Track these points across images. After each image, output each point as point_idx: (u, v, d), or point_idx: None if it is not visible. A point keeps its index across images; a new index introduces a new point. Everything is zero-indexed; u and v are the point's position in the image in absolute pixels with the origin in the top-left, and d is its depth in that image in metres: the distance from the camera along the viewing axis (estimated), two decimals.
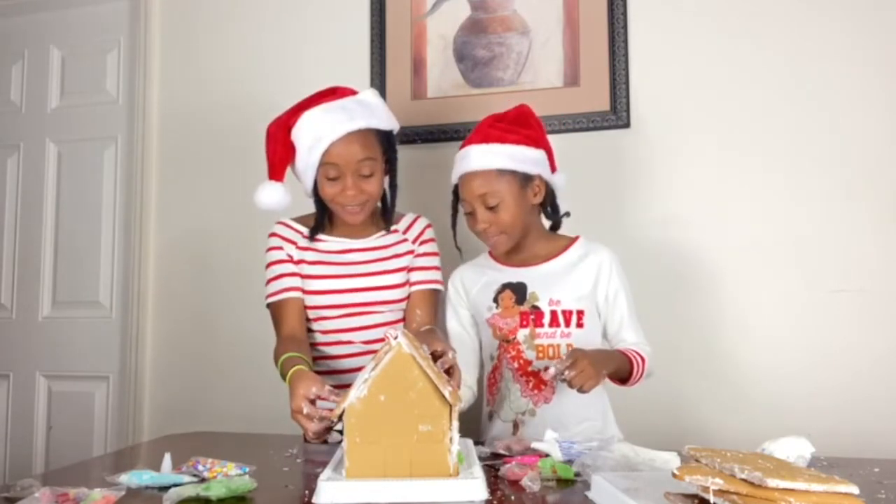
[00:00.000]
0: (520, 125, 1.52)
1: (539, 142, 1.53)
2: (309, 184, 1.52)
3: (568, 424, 1.46)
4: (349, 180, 1.47)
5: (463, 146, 1.54)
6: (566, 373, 1.31)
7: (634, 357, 1.47)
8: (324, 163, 1.47)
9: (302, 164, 1.50)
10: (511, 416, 1.52)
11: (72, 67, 2.56)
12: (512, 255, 1.58)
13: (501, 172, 1.47)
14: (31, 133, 2.57)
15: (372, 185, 1.50)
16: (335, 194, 1.50)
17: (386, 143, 1.54)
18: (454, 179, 1.55)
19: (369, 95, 1.54)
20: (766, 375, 1.85)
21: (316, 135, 1.45)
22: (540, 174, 1.52)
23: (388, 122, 1.54)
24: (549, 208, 1.59)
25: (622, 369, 1.45)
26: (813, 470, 0.82)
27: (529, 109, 1.57)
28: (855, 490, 0.74)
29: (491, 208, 1.48)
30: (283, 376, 1.33)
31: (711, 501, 0.77)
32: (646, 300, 1.73)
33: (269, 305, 1.56)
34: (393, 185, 1.60)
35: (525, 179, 1.50)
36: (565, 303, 1.51)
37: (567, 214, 1.61)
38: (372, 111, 1.51)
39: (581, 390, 1.32)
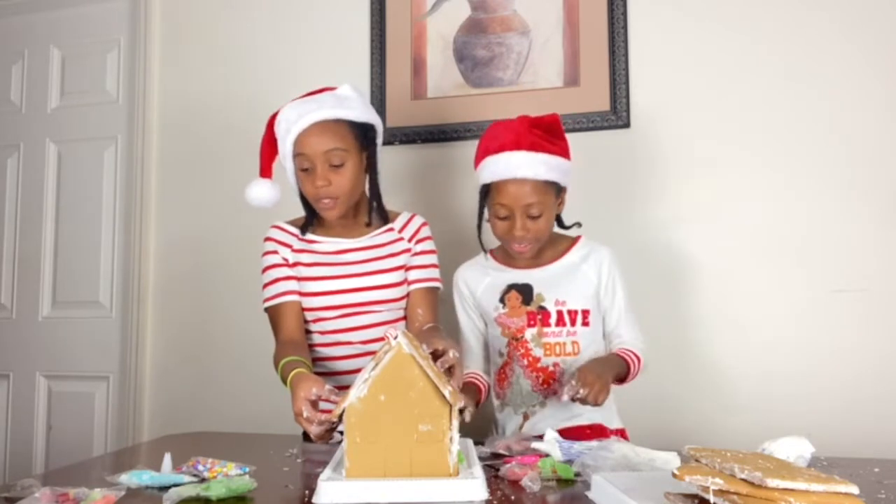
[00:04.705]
0: (555, 135, 1.52)
1: (568, 153, 1.55)
2: (293, 179, 1.54)
3: (578, 414, 1.50)
4: (318, 171, 1.47)
5: (501, 149, 1.48)
6: (581, 392, 1.33)
7: (630, 358, 1.51)
8: (296, 154, 1.49)
9: (281, 157, 1.53)
10: (522, 409, 1.56)
11: (72, 67, 2.56)
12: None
13: (548, 183, 1.48)
14: (31, 133, 2.57)
15: (342, 177, 1.48)
16: (309, 187, 1.50)
17: (362, 137, 1.52)
18: (487, 179, 1.50)
19: (346, 89, 1.54)
20: (767, 375, 1.85)
21: (287, 126, 1.48)
22: (566, 186, 1.55)
23: (363, 114, 1.52)
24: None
25: (621, 372, 1.49)
26: (813, 470, 0.82)
27: (559, 119, 1.56)
28: (855, 490, 0.74)
29: (533, 217, 1.48)
30: (284, 380, 1.33)
31: (711, 501, 0.77)
32: (646, 300, 1.73)
33: (266, 310, 1.56)
34: (374, 181, 1.57)
35: (559, 191, 1.53)
36: (570, 303, 1.55)
37: (578, 224, 1.62)
38: (343, 102, 1.50)
39: (596, 404, 1.36)
